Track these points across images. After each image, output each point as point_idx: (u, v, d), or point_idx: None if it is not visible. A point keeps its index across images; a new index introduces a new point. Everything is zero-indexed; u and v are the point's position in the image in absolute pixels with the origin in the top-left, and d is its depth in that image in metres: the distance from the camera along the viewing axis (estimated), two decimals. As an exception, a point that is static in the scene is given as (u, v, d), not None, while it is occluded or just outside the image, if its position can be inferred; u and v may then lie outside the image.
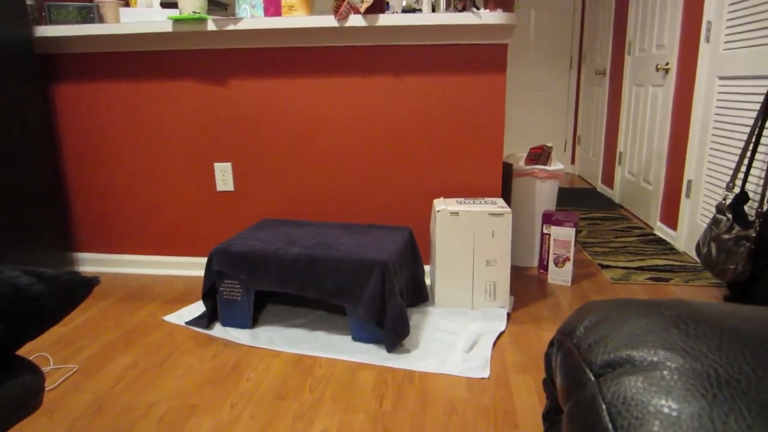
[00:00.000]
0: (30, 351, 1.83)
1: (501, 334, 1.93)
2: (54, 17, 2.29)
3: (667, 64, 3.07)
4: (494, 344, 1.85)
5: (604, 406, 0.45)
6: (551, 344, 0.67)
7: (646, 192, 3.41)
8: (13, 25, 2.13)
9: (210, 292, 1.98)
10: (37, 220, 2.31)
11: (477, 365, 1.70)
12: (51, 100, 2.44)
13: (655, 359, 0.47)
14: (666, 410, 0.42)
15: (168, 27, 2.17)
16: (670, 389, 0.43)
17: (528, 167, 2.48)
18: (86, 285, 0.91)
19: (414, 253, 2.11)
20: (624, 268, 2.58)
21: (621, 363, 0.48)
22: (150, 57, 2.33)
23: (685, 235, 2.83)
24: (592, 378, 0.50)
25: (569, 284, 2.38)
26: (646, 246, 2.92)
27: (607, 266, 2.60)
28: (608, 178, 4.27)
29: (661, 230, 3.12)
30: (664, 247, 2.90)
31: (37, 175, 2.31)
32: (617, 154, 4.00)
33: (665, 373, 0.45)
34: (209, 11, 2.17)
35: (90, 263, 2.64)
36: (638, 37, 3.61)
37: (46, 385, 1.61)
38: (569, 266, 2.35)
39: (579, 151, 5.18)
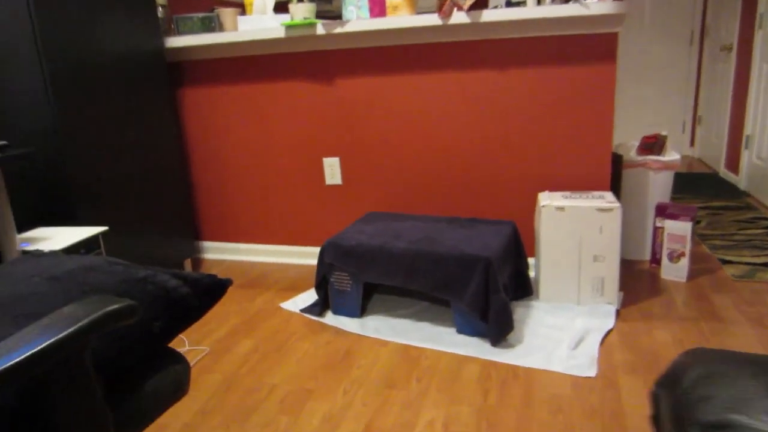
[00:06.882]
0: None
1: (609, 331, 1.89)
2: (181, 28, 2.52)
3: (804, 38, 2.78)
4: (602, 342, 1.82)
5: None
6: (657, 384, 0.67)
7: (777, 179, 3.13)
8: (148, 37, 2.36)
9: (322, 282, 2.11)
10: (170, 212, 2.57)
11: (583, 363, 1.69)
12: (179, 103, 2.69)
13: (760, 428, 0.47)
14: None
15: (281, 33, 2.31)
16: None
17: (640, 158, 2.37)
18: (222, 287, 1.03)
19: (518, 247, 2.11)
20: (748, 264, 2.40)
21: (723, 426, 0.49)
22: (264, 60, 2.49)
23: (823, 228, 2.58)
24: None
25: (684, 280, 2.26)
26: (775, 239, 2.70)
27: (729, 261, 2.43)
28: (733, 163, 3.95)
29: (794, 221, 2.86)
30: (797, 240, 2.67)
31: (169, 170, 2.56)
32: (744, 137, 3.68)
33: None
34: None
35: (213, 251, 2.89)
36: (770, 9, 3.29)
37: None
38: (685, 261, 2.24)
39: (699, 133, 4.82)
